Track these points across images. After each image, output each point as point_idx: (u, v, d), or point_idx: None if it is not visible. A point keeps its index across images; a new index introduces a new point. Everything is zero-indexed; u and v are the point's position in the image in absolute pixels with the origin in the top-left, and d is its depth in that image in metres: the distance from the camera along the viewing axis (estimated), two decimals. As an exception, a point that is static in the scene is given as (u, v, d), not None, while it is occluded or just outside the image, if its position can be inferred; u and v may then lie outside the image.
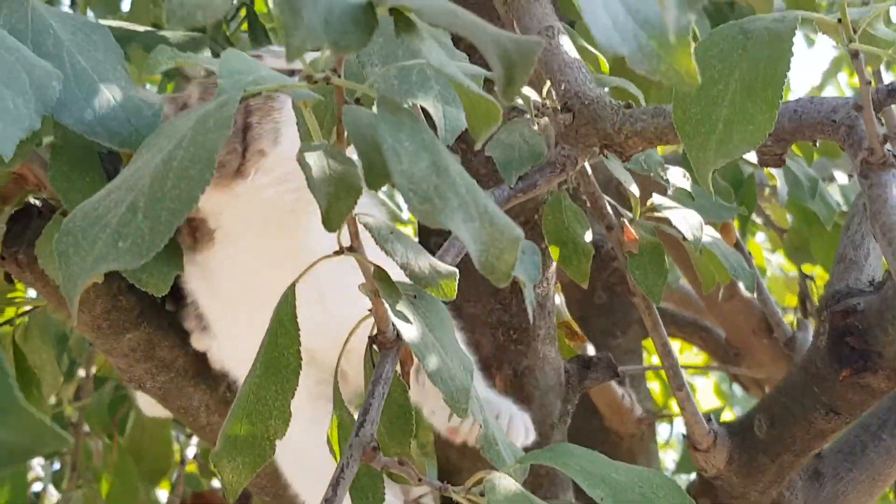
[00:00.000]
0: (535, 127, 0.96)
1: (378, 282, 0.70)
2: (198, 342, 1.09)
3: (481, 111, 0.60)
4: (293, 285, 0.71)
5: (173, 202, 0.54)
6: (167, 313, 1.10)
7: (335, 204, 0.63)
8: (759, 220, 1.99)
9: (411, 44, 0.57)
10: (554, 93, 0.91)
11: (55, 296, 1.03)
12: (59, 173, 0.95)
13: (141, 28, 1.19)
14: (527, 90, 0.99)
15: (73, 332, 1.60)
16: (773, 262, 2.70)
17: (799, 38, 1.63)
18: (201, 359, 1.10)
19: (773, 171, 1.41)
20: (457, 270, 0.72)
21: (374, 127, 0.59)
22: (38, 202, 1.05)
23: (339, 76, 0.62)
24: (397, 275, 0.71)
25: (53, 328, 1.36)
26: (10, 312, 1.33)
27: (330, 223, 0.63)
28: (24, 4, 0.67)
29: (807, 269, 1.97)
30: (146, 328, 1.06)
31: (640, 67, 0.51)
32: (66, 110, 0.63)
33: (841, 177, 1.70)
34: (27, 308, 1.29)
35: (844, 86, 2.93)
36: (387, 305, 0.69)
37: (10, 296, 1.28)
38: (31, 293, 1.36)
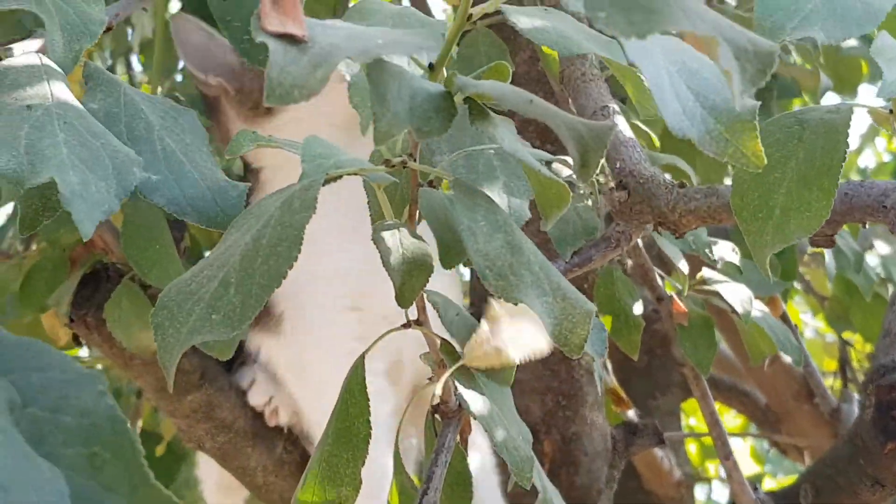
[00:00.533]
0: (588, 202, 0.99)
1: (445, 355, 0.73)
2: (254, 398, 1.13)
3: (552, 194, 0.63)
4: (362, 356, 0.74)
5: (263, 278, 0.57)
6: (227, 375, 1.13)
7: (408, 281, 0.66)
8: (798, 286, 2.01)
9: (484, 130, 0.61)
10: (609, 170, 0.95)
11: (121, 357, 1.07)
12: (131, 241, 0.99)
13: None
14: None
15: (124, 389, 1.64)
16: (811, 324, 2.71)
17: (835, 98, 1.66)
18: (259, 419, 1.13)
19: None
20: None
21: (448, 208, 0.62)
22: (106, 266, 1.09)
23: (415, 160, 0.65)
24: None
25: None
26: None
27: (403, 300, 0.66)
28: (117, 89, 0.71)
29: (846, 333, 1.99)
30: (207, 389, 1.10)
31: (709, 150, 0.54)
32: (157, 191, 0.66)
33: (881, 246, 1.71)
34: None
35: (882, 149, 2.95)
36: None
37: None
38: (84, 351, 1.40)
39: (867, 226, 0.85)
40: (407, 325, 0.74)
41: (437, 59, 0.57)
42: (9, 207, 1.41)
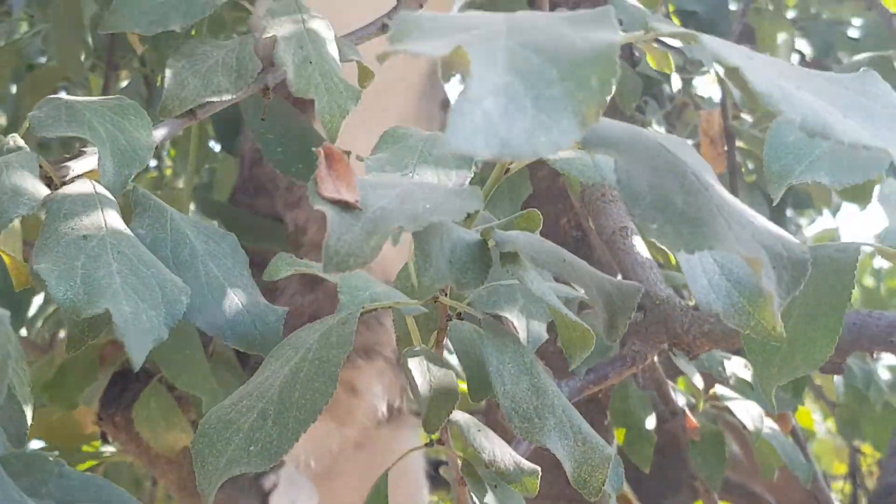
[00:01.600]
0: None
1: (466, 475, 0.76)
2: (276, 502, 1.15)
3: (577, 336, 0.67)
4: (385, 474, 0.77)
5: (300, 411, 0.60)
6: (250, 475, 1.16)
7: (435, 407, 0.69)
8: (808, 391, 2.03)
9: (514, 272, 0.64)
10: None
11: (147, 455, 1.10)
12: (162, 346, 1.03)
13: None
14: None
15: (141, 477, 1.66)
16: (822, 425, 2.72)
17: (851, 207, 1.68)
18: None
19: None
20: (538, 468, 0.78)
21: (478, 345, 0.66)
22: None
23: (447, 295, 0.69)
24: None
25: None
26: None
27: (430, 425, 0.69)
28: (164, 215, 0.75)
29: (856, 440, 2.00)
30: (227, 489, 1.13)
31: (732, 322, 0.57)
32: (199, 315, 0.70)
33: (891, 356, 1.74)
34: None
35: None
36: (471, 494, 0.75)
37: (86, 449, 1.36)
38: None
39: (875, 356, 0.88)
40: (430, 445, 0.77)
41: (475, 213, 0.61)
42: (39, 298, 1.45)
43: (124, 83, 1.80)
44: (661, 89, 1.51)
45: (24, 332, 1.44)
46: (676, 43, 1.04)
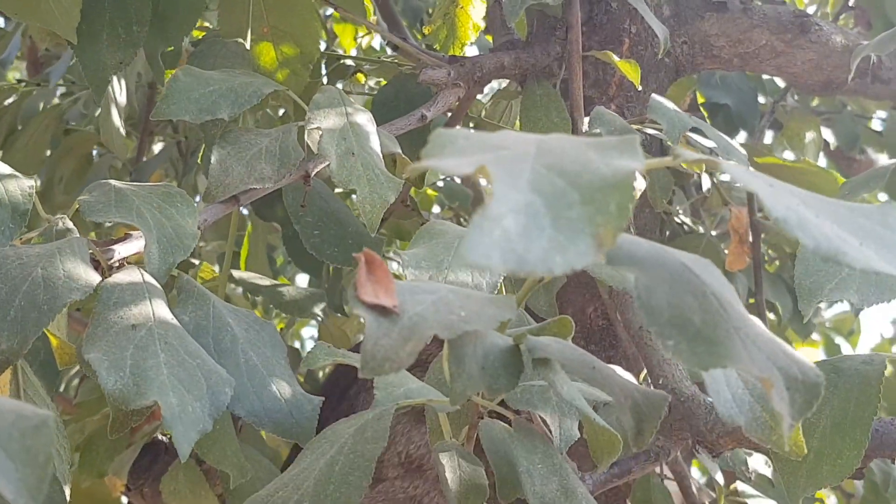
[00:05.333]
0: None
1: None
2: None
3: (604, 440, 0.69)
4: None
5: (335, 505, 0.62)
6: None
7: (464, 502, 0.71)
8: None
9: (545, 377, 0.66)
10: (651, 385, 1.00)
11: (173, 528, 1.12)
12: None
13: (263, 282, 1.32)
14: (621, 372, 1.08)
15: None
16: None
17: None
18: None
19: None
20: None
21: (508, 444, 0.68)
22: (165, 438, 1.14)
23: (479, 394, 0.71)
24: None
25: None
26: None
27: (459, 522, 0.71)
28: (207, 302, 0.77)
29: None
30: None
31: (754, 436, 0.59)
32: (239, 403, 0.72)
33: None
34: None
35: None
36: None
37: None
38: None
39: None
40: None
41: (508, 321, 0.63)
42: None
43: (158, 145, 1.84)
44: (688, 181, 1.54)
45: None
46: (708, 142, 1.06)
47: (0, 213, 0.78)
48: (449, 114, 1.31)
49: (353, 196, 0.91)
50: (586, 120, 1.11)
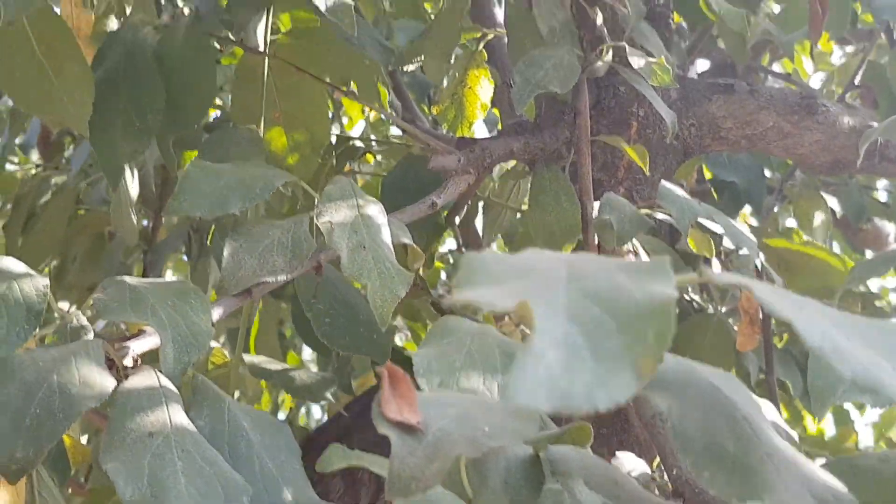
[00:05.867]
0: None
1: None
2: None
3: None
4: None
5: None
6: None
7: None
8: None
9: (564, 483, 0.66)
10: (666, 474, 0.99)
11: None
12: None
13: (274, 366, 1.32)
14: (634, 460, 1.07)
15: None
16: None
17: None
18: None
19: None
20: None
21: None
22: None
23: None
24: None
25: None
26: None
27: None
28: (222, 405, 0.77)
29: None
30: None
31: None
32: (253, 509, 0.71)
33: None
34: None
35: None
36: None
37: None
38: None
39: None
40: None
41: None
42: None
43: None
44: (697, 259, 1.54)
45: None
46: (716, 227, 1.07)
47: (14, 313, 0.78)
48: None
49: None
50: (596, 205, 1.12)
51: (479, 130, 1.65)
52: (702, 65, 1.91)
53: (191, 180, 0.95)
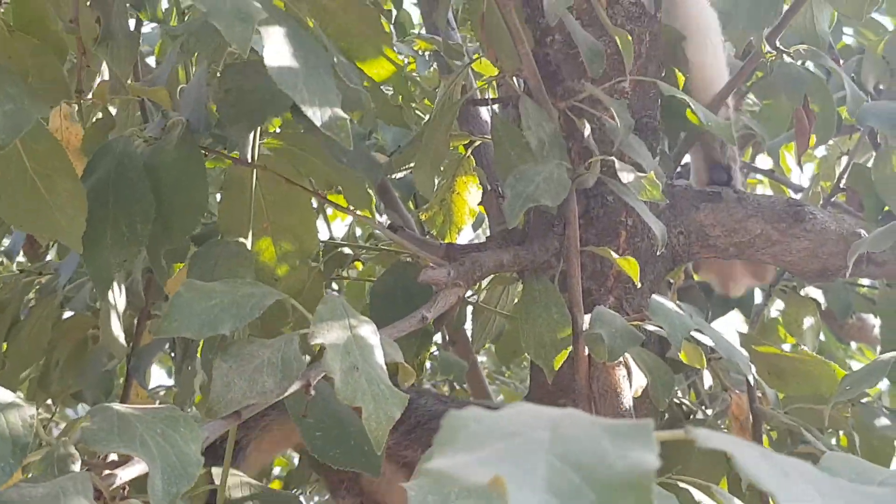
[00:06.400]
0: None
1: None
2: None
3: None
4: None
5: None
6: None
7: None
8: None
9: None
10: None
11: None
12: None
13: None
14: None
15: None
16: None
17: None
18: None
19: None
20: None
21: None
22: None
23: None
24: None
25: None
26: None
27: None
28: None
29: None
30: None
31: None
32: None
33: None
34: None
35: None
36: None
37: None
38: None
39: None
40: None
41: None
42: None
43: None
44: (688, 373, 1.54)
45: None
46: (707, 340, 1.07)
47: (1, 449, 0.77)
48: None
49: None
50: (587, 318, 1.12)
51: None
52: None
53: (182, 301, 0.94)
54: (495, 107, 1.42)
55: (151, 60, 2.02)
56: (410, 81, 1.94)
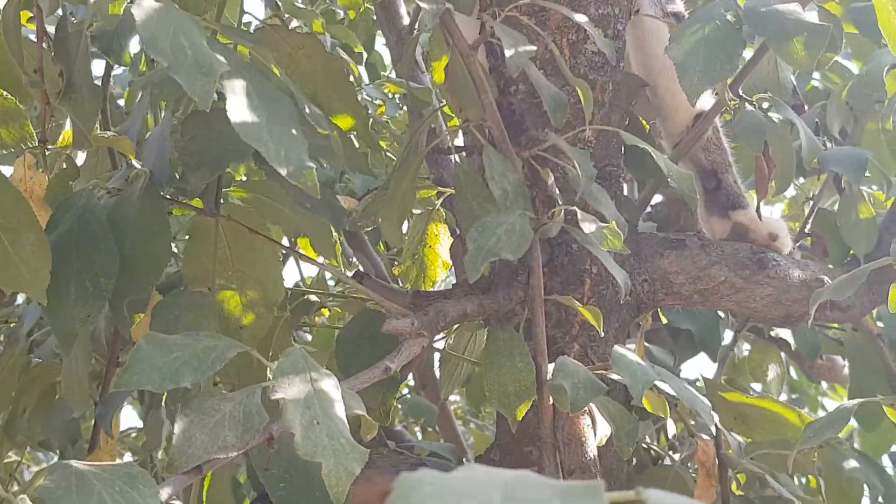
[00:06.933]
0: None
1: None
2: None
3: None
4: None
5: None
6: None
7: None
8: None
9: None
10: None
11: None
12: None
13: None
14: None
15: None
16: None
17: None
18: None
19: None
20: None
21: None
22: None
23: None
24: None
25: None
26: None
27: None
28: None
29: None
30: None
31: None
32: None
33: None
34: None
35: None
36: None
37: None
38: None
39: None
40: None
41: None
42: None
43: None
44: (656, 418, 1.54)
45: None
46: (670, 390, 1.07)
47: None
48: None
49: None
50: (551, 366, 1.12)
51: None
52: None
53: (142, 354, 0.94)
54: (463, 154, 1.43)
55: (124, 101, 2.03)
56: (380, 125, 1.96)
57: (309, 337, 1.94)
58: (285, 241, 1.60)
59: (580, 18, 1.18)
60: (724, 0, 1.19)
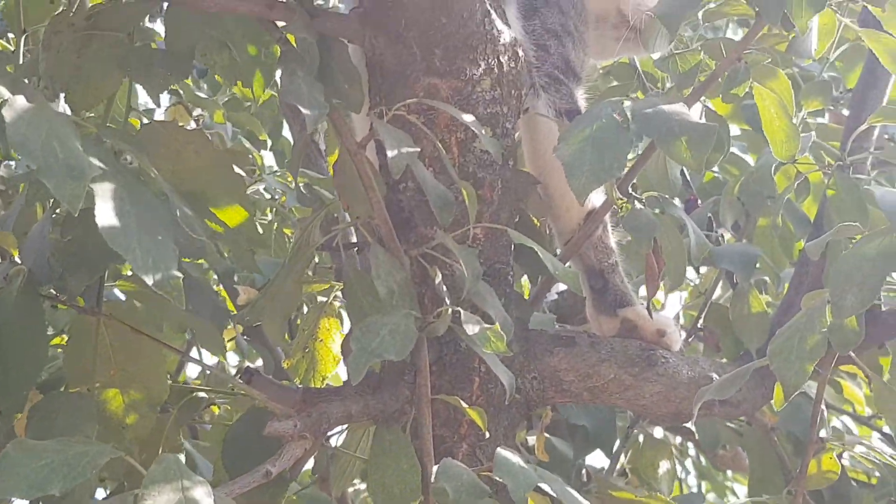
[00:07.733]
0: None
1: None
2: None
3: None
4: None
5: None
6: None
7: None
8: None
9: None
10: None
11: None
12: None
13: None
14: None
15: None
16: None
17: None
18: None
19: None
20: None
21: None
22: None
23: None
24: None
25: None
26: None
27: None
28: None
29: None
30: None
31: None
32: None
33: None
34: None
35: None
36: None
37: None
38: None
39: None
40: None
41: None
42: None
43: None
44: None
45: None
46: (552, 492, 1.06)
47: None
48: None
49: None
50: (435, 468, 1.11)
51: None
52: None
53: (10, 461, 0.92)
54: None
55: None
56: (280, 214, 1.95)
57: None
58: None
59: (467, 118, 1.19)
60: (611, 101, 1.21)
